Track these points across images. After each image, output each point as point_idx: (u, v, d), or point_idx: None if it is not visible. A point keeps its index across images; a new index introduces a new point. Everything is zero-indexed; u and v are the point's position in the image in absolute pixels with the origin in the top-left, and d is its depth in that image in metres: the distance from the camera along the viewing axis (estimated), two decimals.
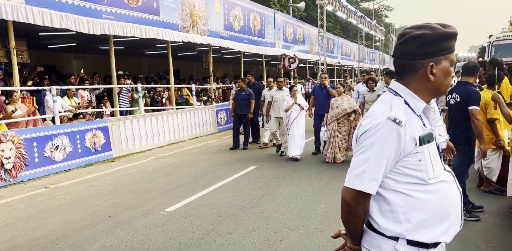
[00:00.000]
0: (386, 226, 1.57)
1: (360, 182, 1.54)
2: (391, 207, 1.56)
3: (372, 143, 1.52)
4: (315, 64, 27.58)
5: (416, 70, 1.58)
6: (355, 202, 1.56)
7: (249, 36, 17.46)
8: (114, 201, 5.80)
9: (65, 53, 17.11)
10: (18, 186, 6.87)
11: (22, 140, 7.18)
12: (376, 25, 47.38)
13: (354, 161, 1.58)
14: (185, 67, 22.58)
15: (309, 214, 5.01)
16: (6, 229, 4.77)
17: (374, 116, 1.56)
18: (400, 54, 1.61)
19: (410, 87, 1.60)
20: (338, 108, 8.02)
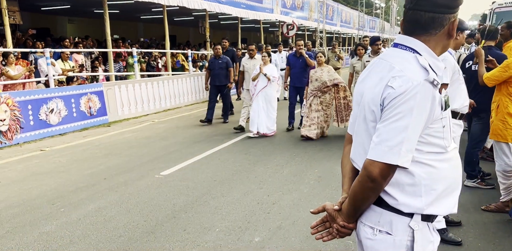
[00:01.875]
0: (405, 201, 1.42)
1: (395, 155, 1.33)
2: (413, 180, 1.42)
3: (411, 109, 1.33)
4: (314, 32, 27.10)
5: (444, 25, 1.43)
6: (383, 178, 1.37)
7: (246, 1, 17.01)
8: (109, 165, 5.82)
9: (59, 16, 16.68)
10: (13, 148, 6.88)
11: (17, 102, 7.11)
12: None
13: (385, 130, 1.35)
14: (182, 33, 22.15)
15: (303, 178, 5.06)
16: (2, 189, 4.80)
17: (406, 77, 1.35)
18: (433, 5, 1.40)
19: (429, 45, 1.45)
20: (317, 81, 7.11)
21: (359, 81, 1.59)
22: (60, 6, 13.61)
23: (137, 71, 10.96)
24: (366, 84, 1.50)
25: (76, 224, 3.81)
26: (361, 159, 1.50)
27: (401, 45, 1.48)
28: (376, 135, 1.39)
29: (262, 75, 7.46)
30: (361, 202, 1.46)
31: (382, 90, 1.39)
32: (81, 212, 4.08)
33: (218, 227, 3.71)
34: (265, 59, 7.59)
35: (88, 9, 14.07)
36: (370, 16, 48.72)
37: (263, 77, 7.45)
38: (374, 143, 1.38)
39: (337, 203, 1.59)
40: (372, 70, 1.53)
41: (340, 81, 7.18)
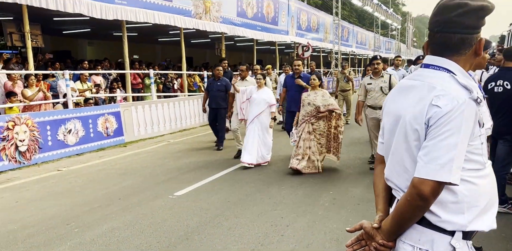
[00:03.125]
0: (448, 218, 1.44)
1: (447, 172, 1.35)
2: (456, 197, 1.43)
3: (459, 126, 1.36)
4: (329, 53, 27.28)
5: (472, 45, 1.49)
6: (434, 196, 1.38)
7: (262, 23, 17.31)
8: (124, 185, 5.86)
9: (79, 39, 17.22)
10: (31, 168, 6.99)
11: (36, 123, 7.27)
12: (392, 14, 46.62)
13: (435, 148, 1.37)
14: (198, 55, 22.55)
15: (317, 200, 5.01)
16: (18, 209, 4.86)
17: (451, 95, 1.39)
18: (461, 27, 1.45)
19: (460, 64, 1.50)
20: (310, 105, 6.27)
21: (389, 102, 1.63)
22: (81, 29, 14.07)
23: (154, 92, 11.16)
24: (401, 105, 1.53)
25: (90, 245, 3.82)
26: (399, 177, 1.53)
27: (433, 65, 1.52)
28: (424, 153, 1.40)
29: (257, 100, 6.83)
30: (407, 220, 1.47)
31: (426, 109, 1.41)
32: (95, 233, 4.10)
33: (231, 249, 3.67)
34: (260, 82, 6.94)
35: (108, 32, 14.50)
36: (386, 38, 48.95)
37: (258, 102, 6.82)
38: (423, 161, 1.39)
39: (375, 221, 1.60)
40: (404, 90, 1.55)
41: (336, 108, 6.31)
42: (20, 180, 6.24)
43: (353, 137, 9.30)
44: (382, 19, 42.75)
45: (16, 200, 5.21)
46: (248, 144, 6.74)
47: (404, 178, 1.50)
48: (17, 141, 6.89)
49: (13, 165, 6.83)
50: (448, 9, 1.47)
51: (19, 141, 6.92)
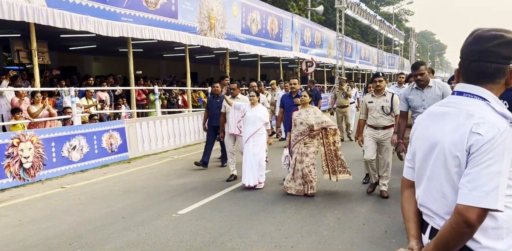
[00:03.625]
0: (489, 244, 1.46)
1: (493, 199, 1.38)
2: (496, 223, 1.46)
3: (502, 154, 1.40)
4: (333, 68, 27.42)
5: (505, 74, 1.54)
6: (480, 222, 1.41)
7: (266, 40, 17.47)
8: (128, 202, 5.83)
9: (85, 55, 17.40)
10: (35, 185, 6.98)
11: (41, 140, 7.29)
12: (396, 30, 46.94)
13: (479, 176, 1.40)
14: (203, 70, 22.72)
15: (322, 220, 4.95)
16: (21, 228, 4.83)
17: (491, 123, 1.43)
18: (499, 57, 1.52)
19: (493, 92, 1.55)
20: (302, 124, 5.93)
21: (421, 128, 1.66)
22: (87, 45, 14.23)
23: (158, 108, 11.20)
24: (437, 131, 1.56)
25: None
26: (436, 203, 1.56)
27: (467, 93, 1.56)
28: (467, 180, 1.42)
29: (252, 118, 6.46)
30: (451, 248, 1.47)
31: (467, 136, 1.44)
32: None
33: None
34: (253, 99, 6.57)
35: (113, 48, 14.66)
36: (390, 53, 49.23)
37: (253, 121, 6.45)
38: (467, 188, 1.42)
39: (414, 249, 1.62)
40: (438, 117, 1.59)
41: (330, 124, 5.98)
42: (23, 197, 6.22)
43: (357, 154, 9.22)
44: (385, 35, 43.04)
45: (19, 219, 5.19)
46: (246, 166, 6.39)
47: (443, 203, 1.53)
48: (21, 157, 6.90)
49: (17, 182, 6.82)
50: (484, 40, 1.52)
51: (23, 158, 6.93)
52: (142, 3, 10.50)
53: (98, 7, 9.25)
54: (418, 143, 1.66)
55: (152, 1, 10.79)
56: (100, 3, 9.28)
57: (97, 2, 9.19)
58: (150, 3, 10.74)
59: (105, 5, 9.41)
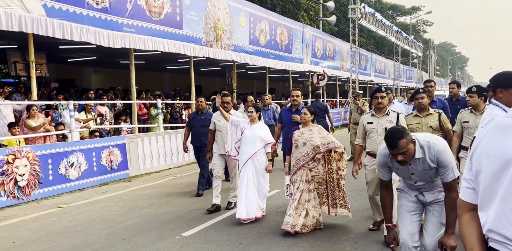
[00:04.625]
0: None
1: None
2: None
3: None
4: (346, 82, 27.53)
5: None
6: None
7: (275, 51, 17.66)
8: (128, 224, 5.85)
9: (84, 67, 17.66)
10: (30, 204, 7.03)
11: (37, 156, 7.37)
12: (413, 41, 47.19)
13: None
14: (208, 83, 22.93)
15: (336, 244, 4.93)
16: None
17: None
18: None
19: None
20: (306, 146, 5.32)
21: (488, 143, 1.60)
22: (87, 57, 14.48)
23: (161, 123, 11.30)
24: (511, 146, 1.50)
25: None
26: None
27: None
28: None
29: (251, 137, 5.88)
30: None
31: None
32: None
33: None
34: (252, 115, 5.97)
35: (114, 60, 14.89)
36: (407, 66, 49.37)
37: (252, 140, 5.86)
38: None
39: None
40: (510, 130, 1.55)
41: (338, 146, 5.33)
42: (18, 217, 6.26)
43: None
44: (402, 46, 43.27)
45: (13, 240, 5.21)
46: (241, 195, 5.76)
47: None
48: (16, 175, 6.96)
49: (12, 201, 6.87)
50: None
51: (18, 176, 6.99)
52: (146, 13, 10.72)
53: (100, 17, 9.46)
54: (485, 160, 1.58)
55: (156, 10, 11.01)
56: (102, 13, 9.50)
57: (98, 12, 9.40)
58: (154, 13, 10.96)
59: (107, 15, 9.63)
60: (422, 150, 3.27)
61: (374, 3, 54.41)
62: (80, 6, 8.96)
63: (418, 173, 3.37)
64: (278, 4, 29.17)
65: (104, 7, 9.50)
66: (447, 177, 3.28)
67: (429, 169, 3.31)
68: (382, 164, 3.51)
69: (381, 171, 3.57)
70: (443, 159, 3.24)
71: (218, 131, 6.78)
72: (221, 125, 6.70)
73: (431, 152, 3.26)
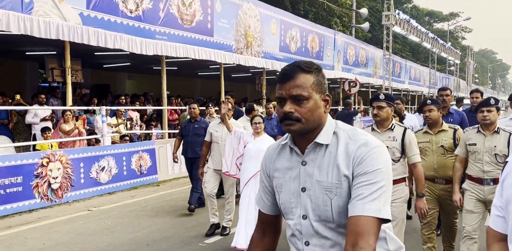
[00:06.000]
0: None
1: None
2: None
3: None
4: (379, 89, 27.21)
5: None
6: None
7: (306, 58, 17.65)
8: (154, 228, 5.98)
9: (119, 73, 18.15)
10: (62, 206, 7.28)
11: (70, 160, 7.64)
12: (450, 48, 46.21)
13: None
14: (239, 89, 23.07)
15: None
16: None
17: None
18: None
19: None
20: None
21: None
22: (121, 63, 14.89)
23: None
24: None
25: None
26: None
27: None
28: None
29: (254, 152, 4.99)
30: None
31: None
32: None
33: None
34: (259, 127, 5.14)
35: (147, 66, 15.25)
36: (443, 73, 48.35)
37: (256, 156, 4.87)
38: None
39: None
40: None
41: None
42: (50, 219, 6.50)
43: None
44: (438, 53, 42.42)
45: (44, 242, 5.43)
46: (241, 221, 4.96)
47: None
48: (50, 178, 7.24)
49: (45, 203, 7.15)
50: None
51: (52, 178, 7.27)
52: (178, 21, 10.96)
53: (133, 25, 9.75)
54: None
55: (188, 18, 11.25)
56: (135, 21, 9.78)
57: (132, 20, 9.69)
58: (186, 21, 11.19)
59: (140, 23, 9.91)
60: (336, 137, 1.65)
61: (410, 9, 53.63)
62: (115, 14, 9.26)
63: (314, 190, 1.64)
64: (311, 11, 29.16)
65: (137, 15, 9.79)
66: (366, 206, 1.53)
67: (336, 183, 1.61)
68: (262, 169, 1.86)
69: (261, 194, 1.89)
70: (369, 162, 1.57)
71: (215, 142, 5.95)
72: (219, 136, 5.91)
73: (351, 143, 1.63)
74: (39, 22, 7.76)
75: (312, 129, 1.65)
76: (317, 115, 1.64)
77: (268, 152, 1.83)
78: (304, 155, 1.67)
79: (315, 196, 1.63)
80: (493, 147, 3.87)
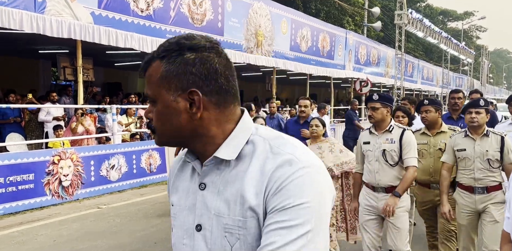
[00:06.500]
0: None
1: None
2: None
3: None
4: (391, 89, 27.06)
5: None
6: None
7: (317, 57, 17.64)
8: (162, 227, 6.03)
9: (131, 71, 18.29)
10: (73, 204, 7.38)
11: (80, 158, 7.74)
12: (464, 48, 45.75)
13: None
14: (249, 88, 23.11)
15: None
16: (55, 249, 5.14)
17: None
18: None
19: None
20: None
21: None
22: (132, 62, 15.01)
23: None
24: None
25: None
26: None
27: None
28: None
29: None
30: None
31: None
32: None
33: None
34: None
35: None
36: (457, 73, 47.93)
37: None
38: None
39: None
40: None
41: (351, 167, 4.28)
42: (60, 216, 6.60)
43: None
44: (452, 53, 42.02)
45: (54, 239, 5.51)
46: None
47: None
48: (61, 175, 7.34)
49: (56, 200, 7.25)
50: None
51: (63, 176, 7.37)
52: (188, 20, 11.02)
53: (144, 24, 9.83)
54: None
55: (199, 17, 11.30)
56: (146, 20, 9.86)
57: (143, 19, 9.77)
58: (196, 20, 11.25)
59: (151, 22, 9.98)
60: (252, 149, 1.11)
61: (423, 8, 53.22)
62: (126, 13, 9.35)
63: (211, 229, 1.12)
64: (323, 10, 29.09)
65: (148, 14, 9.87)
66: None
67: (239, 221, 1.07)
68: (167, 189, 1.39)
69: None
70: (291, 192, 1.02)
71: None
72: None
73: (270, 159, 1.08)
74: (51, 21, 7.87)
75: (181, 142, 1.17)
76: (173, 125, 1.11)
77: (171, 166, 1.33)
78: (201, 174, 1.15)
79: (212, 239, 1.10)
80: (485, 152, 3.54)
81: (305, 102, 5.71)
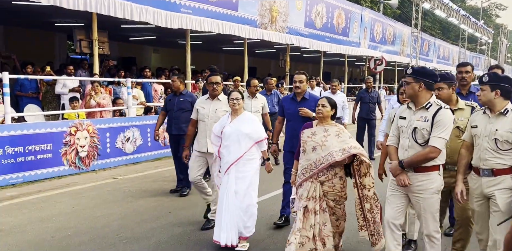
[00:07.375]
0: None
1: None
2: None
3: None
4: (405, 68, 26.73)
5: None
6: None
7: (331, 35, 17.43)
8: (176, 198, 6.20)
9: (145, 46, 18.30)
10: (89, 174, 7.58)
11: (96, 130, 7.88)
12: (482, 26, 44.67)
13: None
14: (263, 65, 23.03)
15: None
16: (73, 215, 5.33)
17: None
18: None
19: None
20: (315, 151, 3.83)
21: None
22: (147, 36, 15.00)
23: None
24: None
25: None
26: None
27: None
28: None
29: (233, 136, 4.29)
30: None
31: None
32: (142, 245, 4.41)
33: None
34: (236, 104, 4.36)
35: (173, 39, 15.32)
36: (474, 52, 46.97)
37: (235, 140, 4.28)
38: None
39: None
40: None
41: (361, 153, 3.82)
42: (78, 185, 6.80)
43: None
44: (470, 32, 41.08)
45: (72, 206, 5.71)
46: (223, 213, 4.23)
47: None
48: (78, 146, 7.51)
49: (73, 170, 7.45)
50: None
51: (79, 147, 7.54)
52: None
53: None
54: None
55: None
56: None
57: None
58: None
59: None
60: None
61: None
62: None
63: None
64: None
65: None
66: None
67: None
68: None
69: None
70: None
71: (201, 120, 5.08)
72: (205, 114, 5.02)
73: None
74: None
75: None
76: None
77: None
78: None
79: None
80: (494, 131, 3.28)
81: (300, 77, 4.89)
